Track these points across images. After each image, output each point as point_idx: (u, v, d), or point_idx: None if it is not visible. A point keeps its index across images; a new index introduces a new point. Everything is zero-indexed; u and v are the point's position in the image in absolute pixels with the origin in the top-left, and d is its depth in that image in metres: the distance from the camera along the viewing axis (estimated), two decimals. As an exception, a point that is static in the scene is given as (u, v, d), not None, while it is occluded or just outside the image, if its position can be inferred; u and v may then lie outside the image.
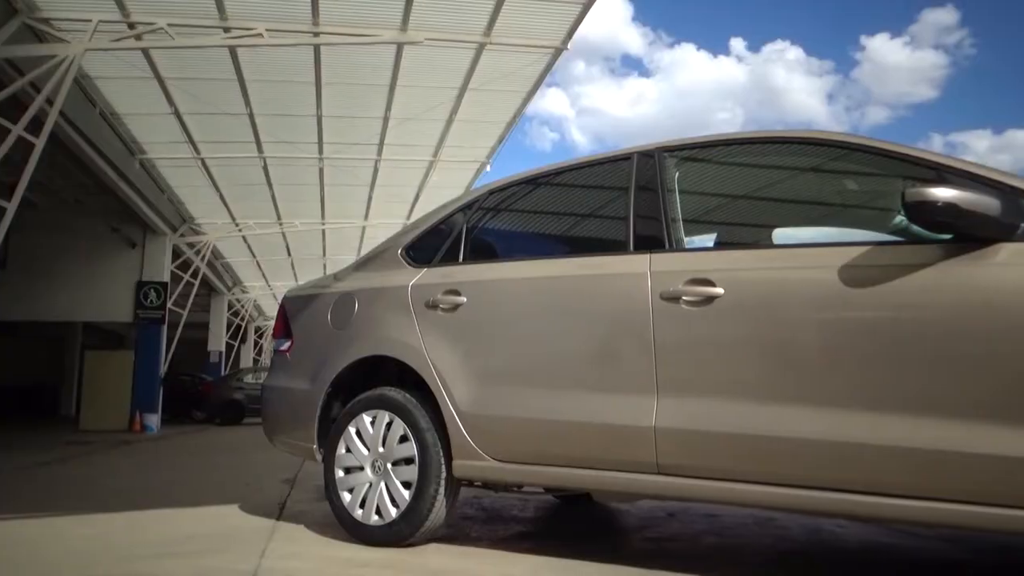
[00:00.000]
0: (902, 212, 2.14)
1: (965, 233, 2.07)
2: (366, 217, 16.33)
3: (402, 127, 11.48)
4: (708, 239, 3.04)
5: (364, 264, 3.64)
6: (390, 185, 14.23)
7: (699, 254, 2.66)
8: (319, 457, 3.30)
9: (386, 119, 11.29)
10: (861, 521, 3.37)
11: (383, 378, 3.25)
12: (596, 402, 2.59)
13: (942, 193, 2.03)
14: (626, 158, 2.89)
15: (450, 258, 3.23)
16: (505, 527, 3.57)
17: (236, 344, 27.52)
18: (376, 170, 13.42)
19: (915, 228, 2.16)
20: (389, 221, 15.59)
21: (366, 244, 17.72)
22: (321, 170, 13.34)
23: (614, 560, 2.73)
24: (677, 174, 2.80)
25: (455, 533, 3.29)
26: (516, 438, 2.77)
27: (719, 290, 2.41)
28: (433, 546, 3.01)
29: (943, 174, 2.21)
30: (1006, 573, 2.72)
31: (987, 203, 2.03)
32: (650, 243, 2.66)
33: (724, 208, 3.18)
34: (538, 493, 3.60)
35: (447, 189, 12.99)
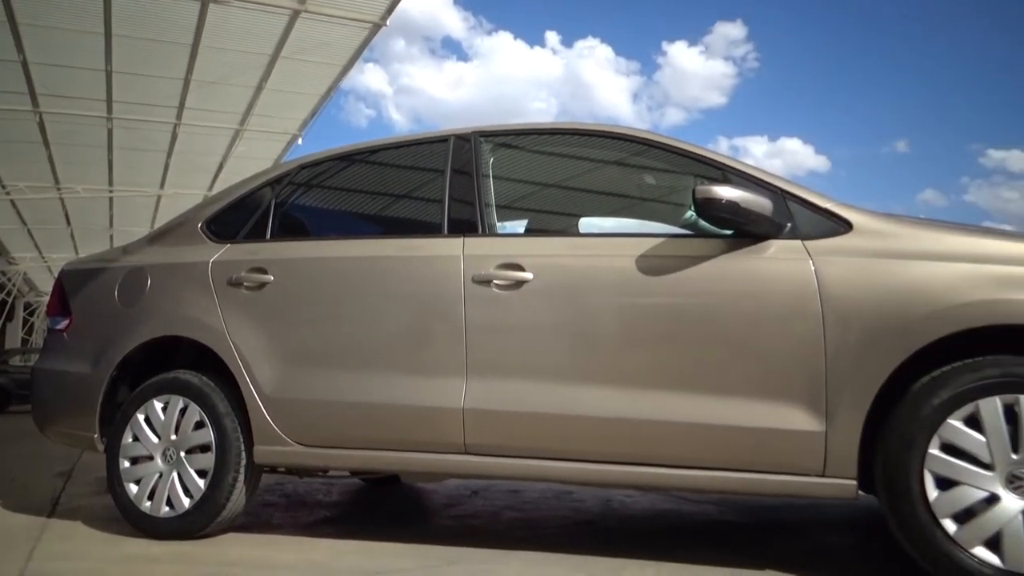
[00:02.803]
0: (692, 208, 2.34)
1: (743, 229, 2.30)
2: (162, 186, 15.05)
3: (206, 91, 10.70)
4: (519, 225, 3.13)
5: (159, 237, 3.36)
6: (190, 152, 13.22)
7: (510, 239, 2.74)
8: (101, 447, 3.01)
9: (187, 81, 10.46)
10: (646, 490, 3.66)
11: (178, 361, 3.02)
12: (406, 384, 2.59)
13: (726, 192, 2.25)
14: (443, 140, 2.90)
15: (256, 234, 3.06)
16: (309, 513, 3.48)
17: (2, 322, 24.40)
18: (175, 135, 12.41)
19: (703, 223, 2.37)
20: (188, 192, 14.47)
21: (162, 216, 16.33)
22: (110, 131, 12.10)
23: (418, 539, 2.76)
24: (492, 159, 2.85)
25: (255, 521, 3.15)
26: (323, 422, 2.71)
27: (528, 275, 2.50)
28: (231, 536, 2.86)
29: (728, 174, 2.44)
30: (759, 529, 3.08)
31: (762, 203, 2.27)
32: (464, 227, 2.69)
33: (535, 196, 3.29)
34: (344, 477, 3.54)
35: (255, 161, 12.31)
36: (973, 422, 2.02)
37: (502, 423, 2.47)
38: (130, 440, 2.92)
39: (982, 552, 1.98)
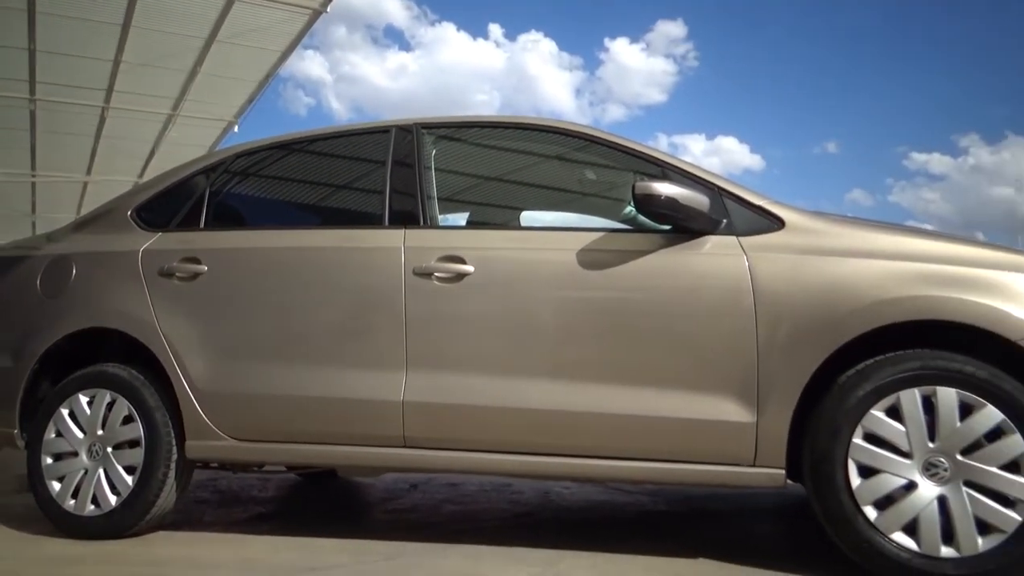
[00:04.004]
0: (631, 203, 2.38)
1: (681, 225, 2.35)
2: (89, 172, 14.44)
3: (137, 74, 10.30)
4: (461, 218, 3.13)
5: (86, 225, 3.23)
6: (120, 138, 12.72)
7: (452, 232, 2.74)
8: (21, 443, 2.88)
9: (117, 63, 10.05)
10: (583, 482, 3.71)
11: (105, 353, 2.91)
12: (345, 377, 2.56)
13: (665, 189, 2.29)
14: (384, 131, 2.87)
15: (190, 223, 2.97)
16: (243, 509, 3.41)
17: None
18: (103, 119, 11.92)
19: (642, 218, 2.40)
20: (117, 178, 13.91)
21: (88, 203, 15.69)
22: (32, 113, 11.53)
23: (356, 535, 2.74)
24: (434, 151, 2.83)
25: (186, 519, 3.07)
26: (258, 416, 2.65)
27: (469, 268, 2.49)
28: (160, 534, 2.78)
29: (667, 171, 2.48)
30: (692, 518, 3.16)
31: (699, 200, 2.32)
32: (405, 218, 2.67)
33: (477, 188, 3.29)
34: (279, 472, 3.47)
35: (188, 147, 11.92)
36: (894, 413, 2.12)
37: (442, 416, 2.46)
38: (53, 436, 2.80)
39: (900, 537, 2.07)
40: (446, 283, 2.51)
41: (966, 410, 2.07)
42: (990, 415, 2.05)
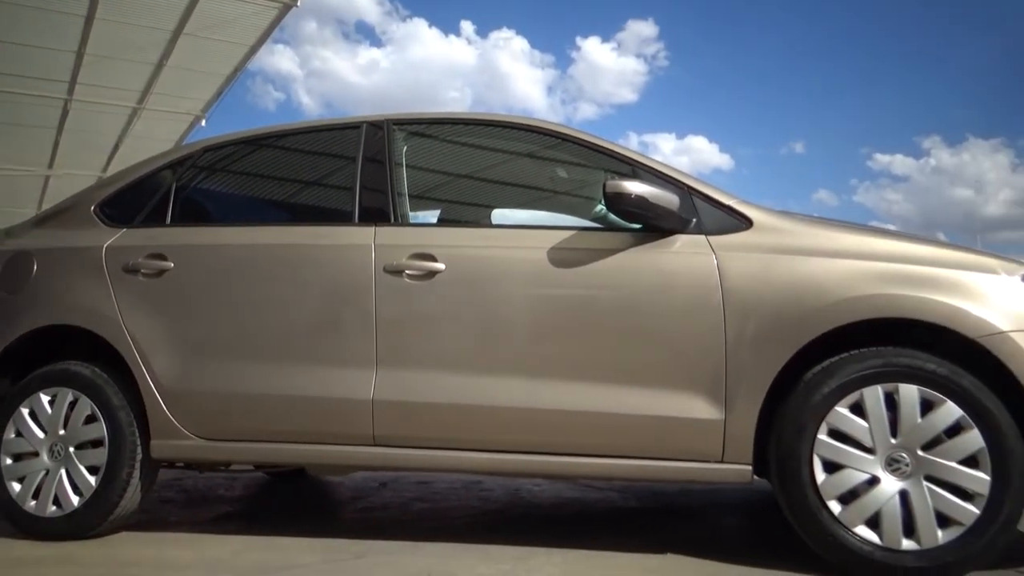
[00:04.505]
0: (602, 201, 2.39)
1: (651, 224, 2.37)
2: (51, 166, 14.11)
3: (101, 66, 10.09)
4: (432, 215, 3.12)
5: (47, 220, 3.16)
6: (83, 131, 12.45)
7: (423, 229, 2.73)
8: (-21, 443, 2.81)
9: (80, 54, 9.83)
10: (554, 479, 3.73)
11: (67, 351, 2.85)
12: (314, 375, 2.54)
13: (635, 187, 2.30)
14: (355, 127, 2.85)
15: (155, 219, 2.92)
16: (209, 509, 3.36)
17: None
18: (66, 111, 11.65)
19: (612, 216, 2.42)
20: (81, 172, 13.61)
21: (50, 197, 15.33)
22: (-9, 105, 11.26)
23: (324, 534, 2.72)
24: (405, 148, 2.82)
25: (151, 519, 3.02)
26: (226, 414, 2.62)
27: (440, 265, 2.49)
28: (124, 535, 2.74)
29: (637, 170, 2.50)
30: (660, 514, 3.19)
31: (669, 199, 2.34)
32: (375, 216, 2.65)
33: (448, 186, 3.28)
34: (247, 471, 3.44)
35: (154, 142, 11.71)
36: (858, 409, 2.16)
37: (412, 414, 2.45)
38: (12, 435, 2.74)
39: (863, 531, 2.12)
40: (417, 281, 2.50)
41: (927, 406, 2.12)
42: (950, 411, 2.10)
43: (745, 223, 2.37)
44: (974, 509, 2.06)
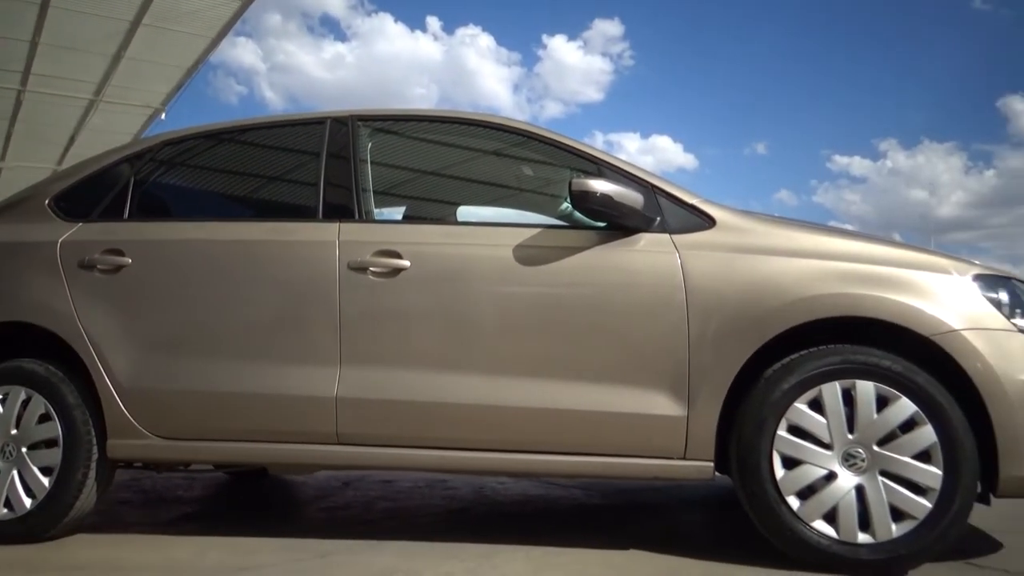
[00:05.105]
0: (568, 200, 2.40)
1: (616, 222, 2.39)
2: (3, 158, 13.74)
3: (56, 56, 9.84)
4: (397, 212, 3.10)
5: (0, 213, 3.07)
6: (37, 122, 12.14)
7: (388, 226, 2.71)
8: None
9: (35, 43, 9.58)
10: (518, 477, 3.74)
11: (20, 349, 2.78)
12: (277, 373, 2.51)
13: (600, 186, 2.32)
14: (319, 122, 2.82)
15: (113, 213, 2.85)
16: (168, 509, 3.30)
17: None
18: (19, 102, 11.35)
19: (577, 215, 2.43)
20: (34, 165, 13.29)
21: (2, 190, 14.91)
22: (-61, 94, 10.91)
23: (287, 534, 2.69)
24: (370, 144, 2.80)
25: (108, 521, 2.95)
26: (185, 413, 2.57)
27: (405, 262, 2.47)
28: (79, 537, 2.67)
29: (603, 169, 2.51)
30: (624, 511, 3.22)
31: (634, 198, 2.36)
32: (340, 212, 2.63)
33: (413, 183, 3.27)
34: (207, 471, 3.38)
35: (112, 135, 11.46)
36: (816, 406, 2.20)
37: (376, 412, 2.44)
38: (-38, 436, 2.66)
39: (821, 525, 2.16)
40: (381, 278, 2.48)
41: (883, 402, 2.17)
42: (904, 407, 2.15)
43: (708, 222, 2.40)
44: (926, 503, 2.12)
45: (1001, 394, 2.11)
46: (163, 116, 12.13)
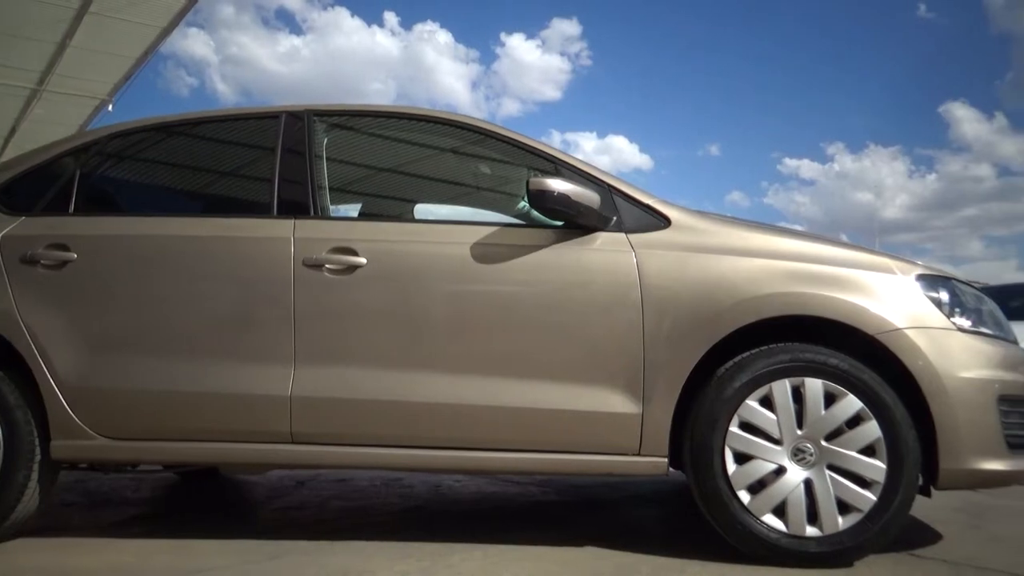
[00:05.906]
0: (525, 198, 2.41)
1: (573, 221, 2.40)
2: (-61, 148, 13.19)
3: (-5, 43, 9.48)
4: (353, 209, 3.07)
5: (-67, 206, 2.94)
6: (-24, 112, 11.69)
7: (344, 223, 2.68)
8: None
9: (-28, 30, 9.21)
10: (474, 474, 3.74)
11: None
12: (229, 371, 2.46)
13: (557, 185, 2.33)
14: (274, 116, 2.77)
15: (57, 207, 2.77)
16: (115, 512, 3.22)
17: None
18: (-44, 91, 10.90)
19: (535, 213, 2.44)
20: (-27, 156, 12.79)
21: (-62, 181, 14.29)
22: None
23: (239, 535, 2.64)
24: (326, 140, 2.76)
25: (51, 524, 2.86)
26: (133, 412, 2.51)
27: (362, 260, 2.45)
28: (21, 541, 2.59)
29: (560, 168, 2.53)
30: (579, 507, 3.25)
31: (591, 197, 2.38)
32: (295, 208, 2.59)
33: (370, 179, 3.24)
34: (156, 471, 3.30)
35: (56, 126, 11.09)
36: (767, 402, 2.25)
37: (331, 410, 2.41)
38: None
39: (770, 519, 2.21)
40: (337, 275, 2.46)
41: (830, 399, 2.23)
42: (850, 403, 2.22)
43: (664, 222, 2.44)
44: (871, 496, 2.19)
45: (941, 391, 2.18)
46: (111, 107, 11.76)
